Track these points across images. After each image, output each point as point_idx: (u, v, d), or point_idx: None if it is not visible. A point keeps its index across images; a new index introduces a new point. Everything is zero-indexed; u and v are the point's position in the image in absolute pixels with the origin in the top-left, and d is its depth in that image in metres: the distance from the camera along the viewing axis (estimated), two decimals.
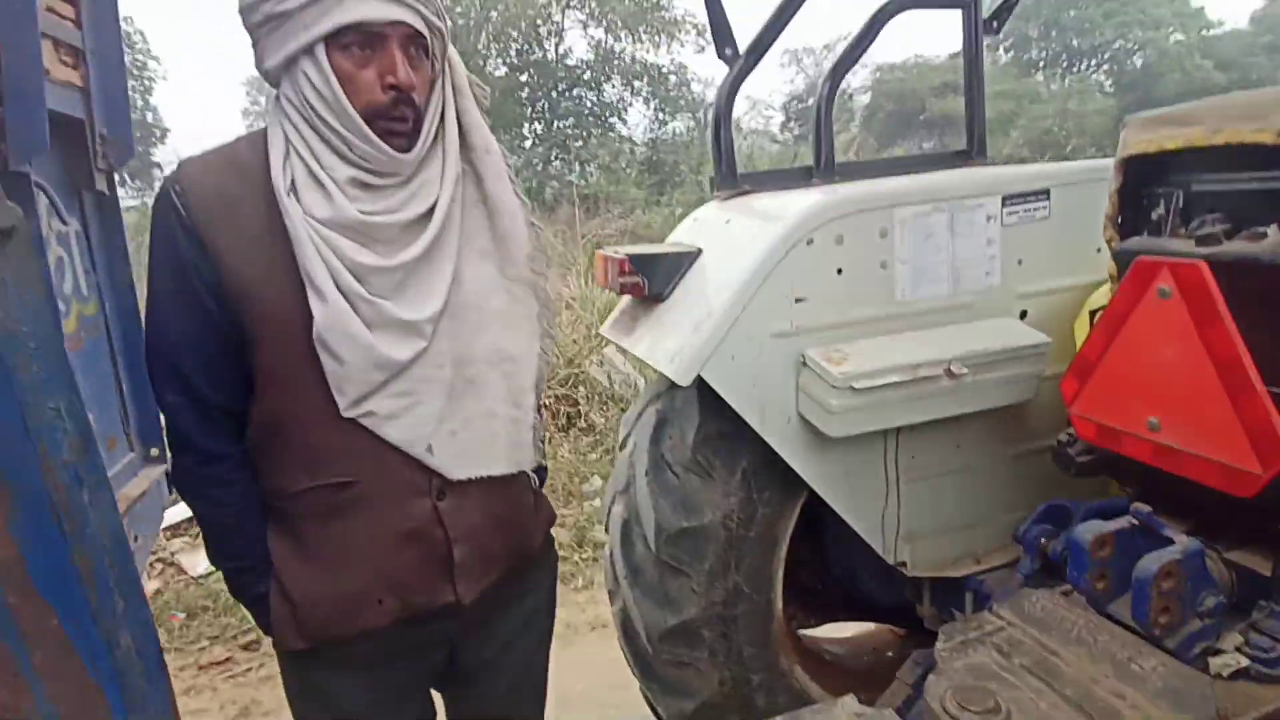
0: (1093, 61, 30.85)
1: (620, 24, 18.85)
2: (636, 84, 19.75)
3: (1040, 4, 29.97)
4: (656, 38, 19.31)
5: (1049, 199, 1.59)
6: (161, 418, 1.89)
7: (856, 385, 1.37)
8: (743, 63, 1.80)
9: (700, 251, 1.62)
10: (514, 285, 1.16)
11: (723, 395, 1.47)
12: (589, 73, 19.85)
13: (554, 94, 19.71)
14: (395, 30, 1.01)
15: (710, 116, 1.86)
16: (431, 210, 1.09)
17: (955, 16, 1.97)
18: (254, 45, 1.06)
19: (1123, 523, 1.14)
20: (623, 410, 5.21)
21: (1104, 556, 1.13)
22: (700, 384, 1.50)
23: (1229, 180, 1.10)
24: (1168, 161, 1.17)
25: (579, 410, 4.96)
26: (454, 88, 1.13)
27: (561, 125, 19.81)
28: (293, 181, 1.05)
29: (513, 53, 19.40)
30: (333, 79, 1.01)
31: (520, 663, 1.36)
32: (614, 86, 20.22)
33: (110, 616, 0.69)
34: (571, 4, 19.24)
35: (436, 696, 1.41)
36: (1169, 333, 1.03)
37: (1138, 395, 1.11)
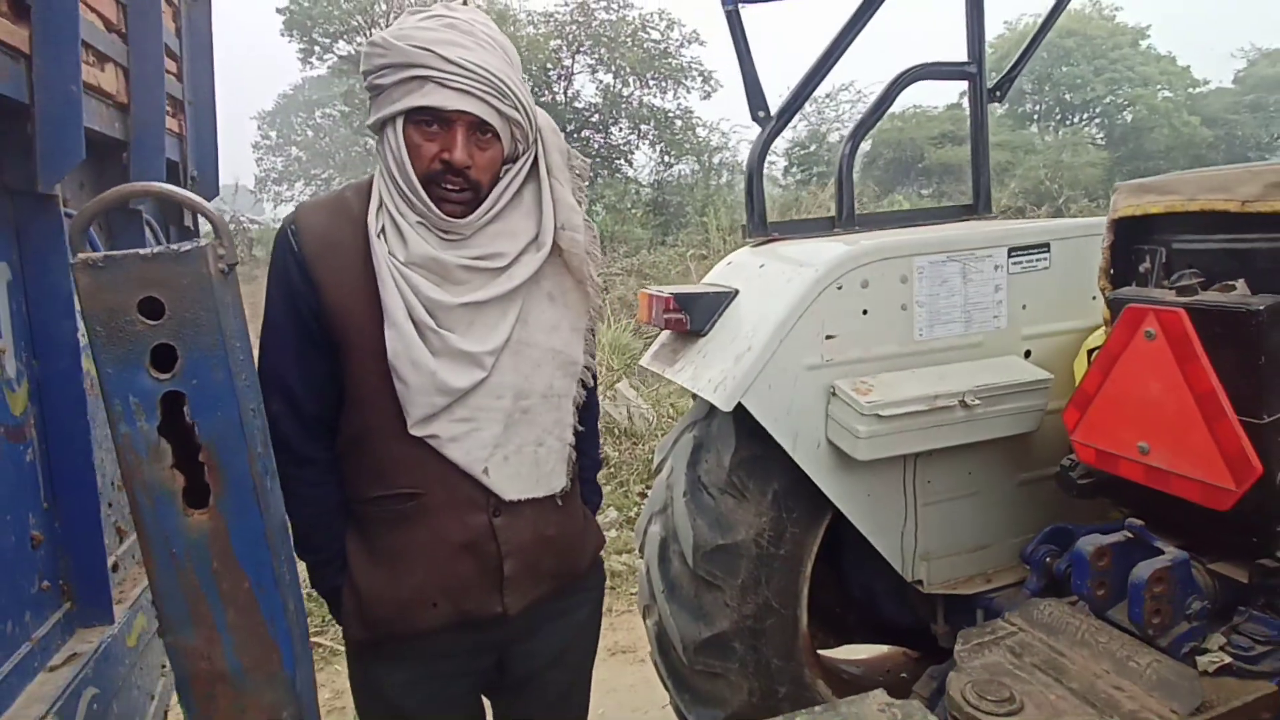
0: (1085, 116, 31.68)
1: (629, 69, 19.40)
2: (643, 127, 20.23)
3: (1035, 59, 30.86)
4: (664, 83, 19.90)
5: (1050, 251, 1.77)
6: None
7: (882, 413, 1.53)
8: (775, 124, 2.00)
9: (737, 292, 1.79)
10: (570, 334, 1.29)
11: (761, 421, 1.62)
12: (597, 115, 20.38)
13: (563, 135, 20.14)
14: (462, 118, 1.16)
15: (745, 172, 2.05)
16: (507, 267, 1.23)
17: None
18: (369, 106, 1.24)
19: (1119, 536, 1.29)
20: (635, 444, 5.34)
21: (1103, 566, 1.27)
22: (736, 412, 1.65)
23: (1203, 240, 1.28)
24: (1152, 223, 1.35)
25: (608, 428, 5.07)
26: (547, 166, 1.27)
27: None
28: (383, 227, 1.21)
29: None
30: (403, 147, 1.17)
31: (567, 677, 1.45)
32: (621, 130, 20.72)
33: (285, 584, 0.84)
34: (581, 49, 19.86)
35: (487, 705, 1.51)
36: (1155, 369, 1.20)
37: (1130, 423, 1.27)
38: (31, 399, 1.21)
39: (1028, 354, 1.80)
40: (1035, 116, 32.65)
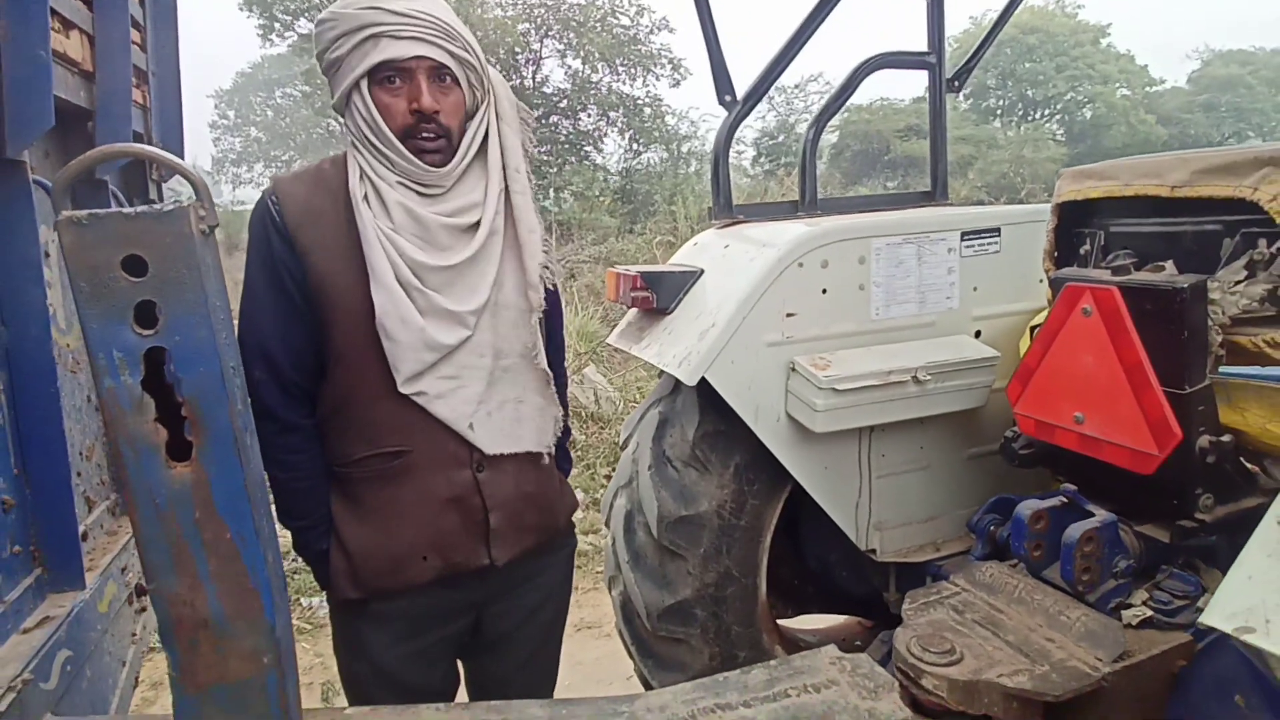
0: (1046, 111, 32.37)
1: (598, 55, 19.28)
2: (612, 114, 20.15)
3: (998, 55, 31.49)
4: (633, 70, 19.82)
5: (1000, 236, 1.86)
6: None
7: (838, 387, 1.60)
8: (740, 108, 2.05)
9: (702, 271, 1.84)
10: (531, 291, 1.34)
11: (724, 396, 1.68)
12: (565, 101, 20.23)
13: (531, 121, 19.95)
14: (420, 64, 1.22)
15: (711, 155, 2.10)
16: (479, 221, 1.29)
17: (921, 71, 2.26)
18: (330, 87, 1.27)
19: (1055, 501, 1.38)
20: (601, 428, 5.39)
21: (1040, 529, 1.36)
22: (699, 388, 1.71)
23: (1138, 224, 1.37)
24: (1092, 207, 1.43)
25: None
26: (496, 113, 1.33)
27: (537, 152, 20.03)
28: (365, 193, 1.25)
29: None
30: (373, 108, 1.22)
31: (537, 637, 1.52)
32: (590, 116, 20.59)
33: (264, 536, 0.87)
34: (550, 33, 19.66)
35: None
36: (1090, 344, 1.28)
37: (1067, 395, 1.36)
38: (1, 366, 1.21)
39: (978, 334, 1.89)
40: (998, 111, 33.27)
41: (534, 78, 20.08)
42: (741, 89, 2.02)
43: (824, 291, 1.72)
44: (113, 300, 0.77)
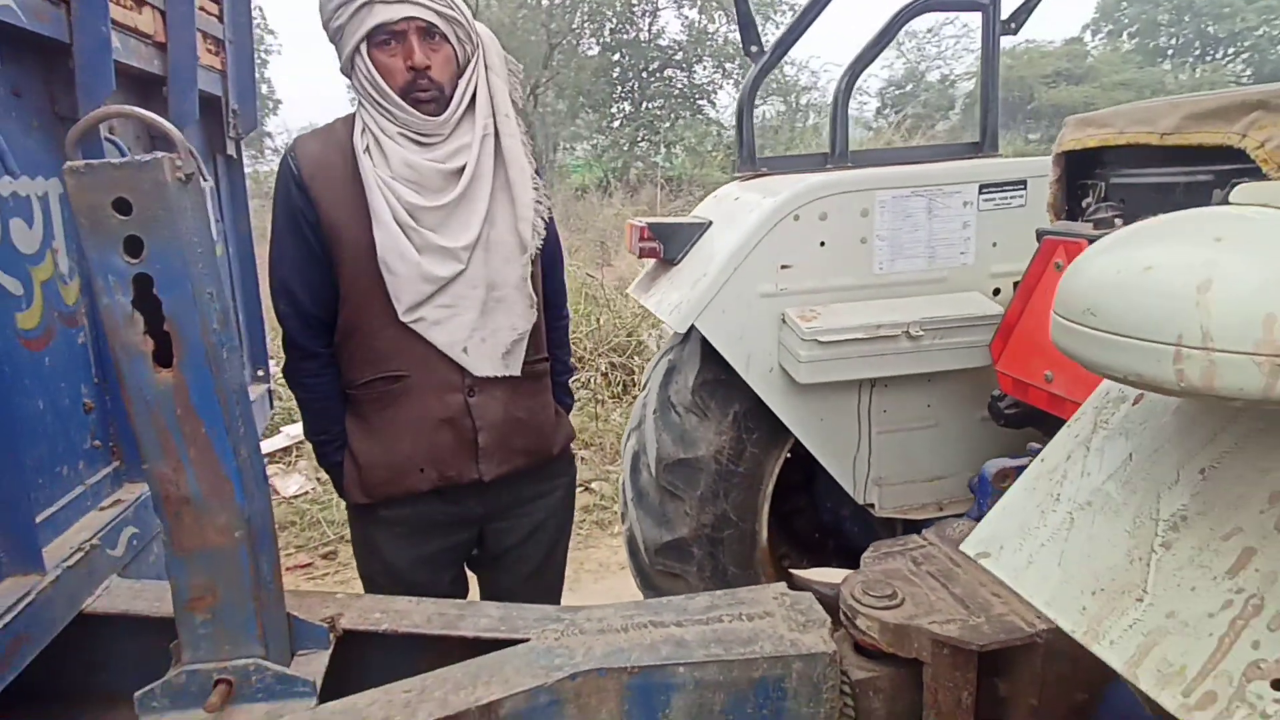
0: (1229, 50, 28.42)
1: (715, 4, 18.79)
2: (728, 66, 19.66)
3: None
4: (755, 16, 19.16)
5: (1025, 189, 1.78)
6: (268, 344, 2.32)
7: (821, 339, 1.62)
8: (767, 58, 2.05)
9: (711, 223, 1.89)
10: (521, 225, 1.45)
11: (714, 343, 1.74)
12: (681, 54, 19.93)
13: (645, 74, 19.86)
14: (410, 25, 1.34)
15: (736, 107, 2.11)
16: (466, 165, 1.41)
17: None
18: (336, 52, 1.42)
19: (1025, 460, 1.36)
20: None
21: (1004, 487, 1.35)
22: (703, 336, 1.78)
23: (1134, 174, 1.28)
24: (1095, 157, 1.35)
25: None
26: (486, 65, 1.45)
27: (650, 106, 19.96)
28: (367, 145, 1.40)
29: (606, 32, 19.65)
30: (373, 68, 1.36)
31: (538, 555, 1.67)
32: (705, 68, 20.20)
33: (235, 433, 1.05)
34: None
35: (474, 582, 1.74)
36: None
37: (1039, 353, 1.31)
38: (83, 291, 1.47)
39: (996, 291, 1.83)
40: (1169, 51, 29.56)
41: (650, 29, 19.90)
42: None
43: (822, 244, 1.73)
44: (106, 234, 0.95)
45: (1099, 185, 1.36)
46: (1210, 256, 0.44)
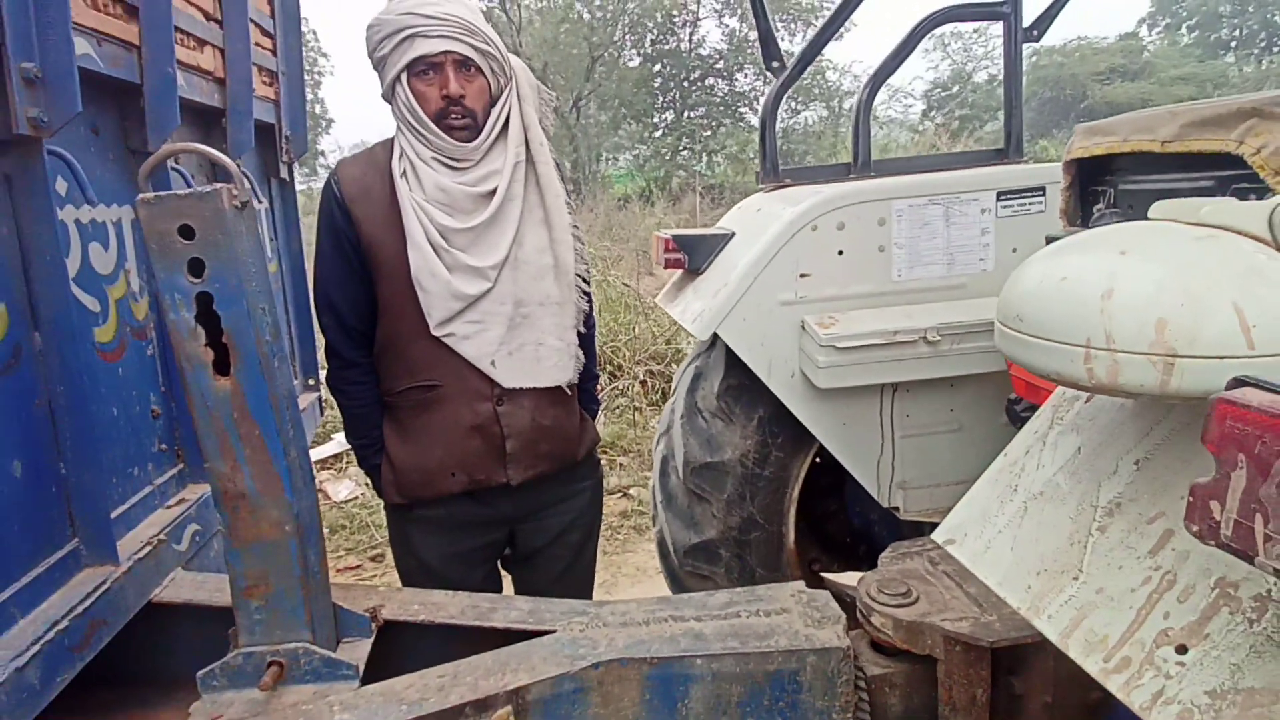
0: None
1: None
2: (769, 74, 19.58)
3: None
4: (793, 25, 19.15)
5: (1045, 195, 1.79)
6: (318, 355, 2.46)
7: (839, 345, 1.67)
8: (788, 73, 2.10)
9: (734, 234, 1.95)
10: (558, 247, 1.55)
11: (735, 350, 1.80)
12: (722, 62, 20.01)
13: (686, 84, 19.98)
14: (447, 57, 1.44)
15: (759, 121, 2.17)
16: (496, 189, 1.50)
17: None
18: (379, 80, 1.54)
19: None
20: None
21: None
22: (726, 345, 1.84)
23: (1139, 181, 1.30)
24: (1103, 164, 1.37)
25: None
26: (519, 96, 1.54)
27: (692, 116, 20.08)
28: (404, 170, 1.51)
29: (648, 43, 19.85)
30: (411, 97, 1.47)
31: (567, 556, 1.75)
32: (746, 76, 20.23)
33: (286, 435, 1.16)
34: None
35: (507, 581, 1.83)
36: None
37: None
38: (150, 308, 1.62)
39: None
40: (1232, 44, 28.38)
41: (691, 39, 20.03)
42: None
43: (840, 253, 1.77)
44: (173, 257, 1.06)
45: (1108, 192, 1.38)
46: (1114, 267, 0.49)
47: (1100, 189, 1.42)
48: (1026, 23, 2.16)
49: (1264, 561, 0.39)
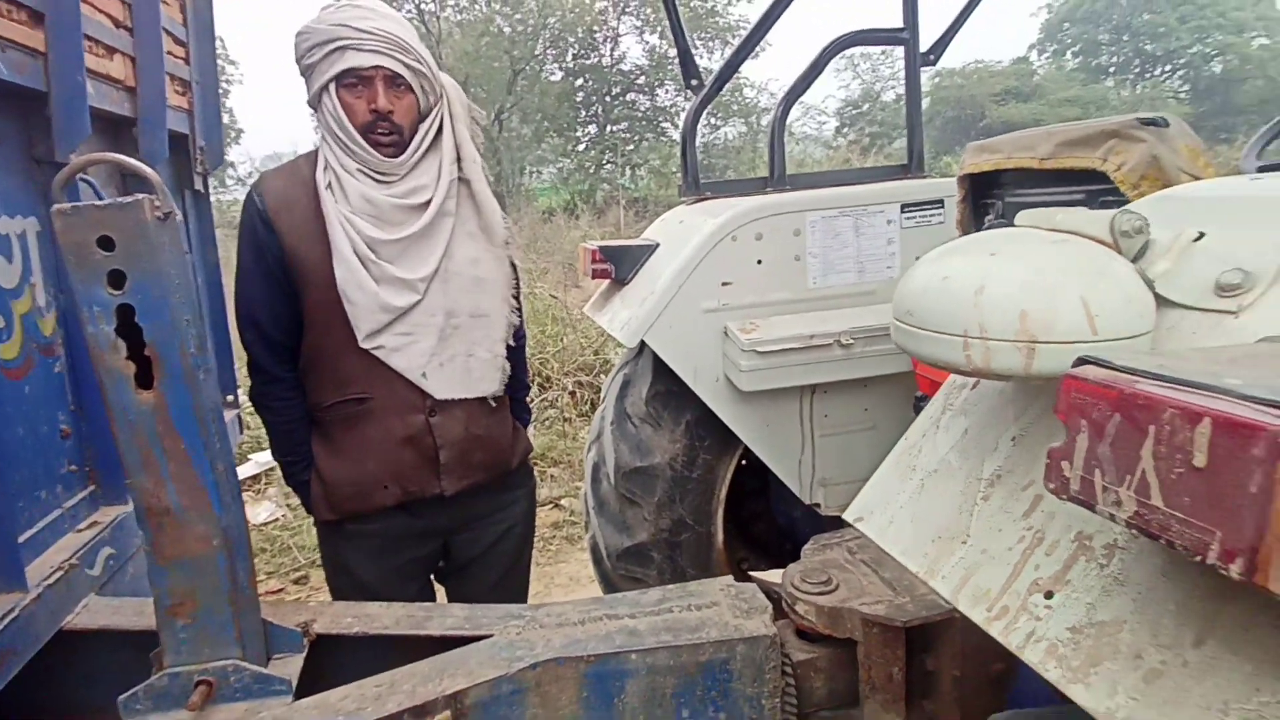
0: (1166, 68, 29.69)
1: None
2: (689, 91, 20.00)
3: (1111, 7, 29.00)
4: (710, 44, 19.66)
5: (944, 208, 1.94)
6: (236, 371, 2.40)
7: (760, 349, 1.75)
8: (707, 90, 2.20)
9: (658, 245, 2.02)
10: (492, 261, 1.57)
11: (662, 357, 1.87)
12: (643, 78, 20.33)
13: (608, 98, 20.19)
14: (377, 72, 1.45)
15: (680, 137, 2.25)
16: (429, 201, 1.52)
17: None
18: (306, 87, 1.53)
19: None
20: None
21: None
22: (653, 351, 1.90)
23: (1024, 195, 1.45)
24: (991, 179, 1.51)
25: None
26: (450, 114, 1.56)
27: (614, 129, 20.28)
28: (329, 182, 1.51)
29: (569, 58, 19.97)
30: (339, 107, 1.46)
31: (502, 565, 1.76)
32: (667, 92, 20.61)
33: (212, 449, 1.14)
34: (627, 10, 19.74)
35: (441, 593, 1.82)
36: None
37: None
38: (59, 323, 1.55)
39: None
40: (1111, 70, 30.78)
41: (611, 54, 20.27)
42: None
43: (759, 262, 1.87)
44: (92, 268, 1.04)
45: (997, 204, 1.52)
46: (985, 267, 0.57)
47: (990, 201, 1.56)
48: (924, 48, 2.32)
49: (1102, 509, 0.47)
